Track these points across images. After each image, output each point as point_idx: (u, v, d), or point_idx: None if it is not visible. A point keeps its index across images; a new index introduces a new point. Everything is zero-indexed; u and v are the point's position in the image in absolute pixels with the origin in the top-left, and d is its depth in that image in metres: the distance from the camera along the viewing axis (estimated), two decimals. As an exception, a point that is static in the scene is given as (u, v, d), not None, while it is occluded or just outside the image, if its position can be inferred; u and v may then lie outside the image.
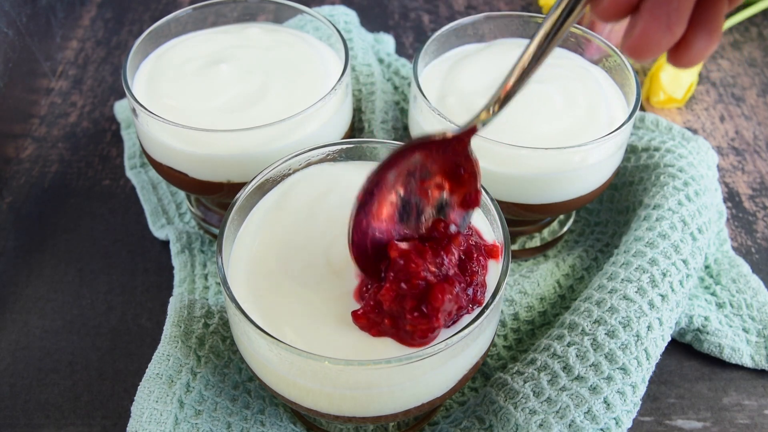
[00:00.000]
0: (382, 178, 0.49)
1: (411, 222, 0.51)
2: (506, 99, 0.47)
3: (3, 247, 0.77)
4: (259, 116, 0.65)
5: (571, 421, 0.55)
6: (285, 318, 0.50)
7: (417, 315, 0.46)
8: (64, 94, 0.95)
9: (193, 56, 0.72)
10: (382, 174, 0.48)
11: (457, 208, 0.51)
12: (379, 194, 0.49)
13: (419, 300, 0.47)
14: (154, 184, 0.81)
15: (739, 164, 0.85)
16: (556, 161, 0.62)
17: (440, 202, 0.51)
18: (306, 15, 0.77)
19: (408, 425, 0.62)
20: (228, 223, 0.53)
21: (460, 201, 0.51)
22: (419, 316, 0.46)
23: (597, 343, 0.58)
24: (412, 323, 0.46)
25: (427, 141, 0.48)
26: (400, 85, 0.87)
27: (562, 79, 0.69)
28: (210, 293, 0.71)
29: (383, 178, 0.49)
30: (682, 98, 0.91)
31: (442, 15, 1.08)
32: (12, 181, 0.83)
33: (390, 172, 0.49)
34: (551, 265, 0.71)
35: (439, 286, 0.47)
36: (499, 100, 0.48)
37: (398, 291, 0.47)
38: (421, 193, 0.50)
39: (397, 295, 0.47)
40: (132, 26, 1.07)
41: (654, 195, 0.69)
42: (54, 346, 0.68)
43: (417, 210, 0.51)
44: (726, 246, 0.74)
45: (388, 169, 0.49)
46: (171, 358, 0.59)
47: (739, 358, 0.65)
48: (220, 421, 0.57)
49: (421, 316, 0.46)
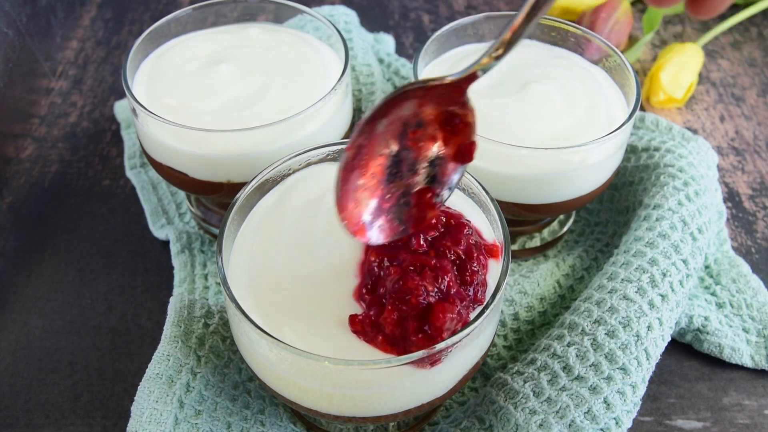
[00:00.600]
0: (372, 128, 0.46)
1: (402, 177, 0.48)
2: (511, 42, 0.44)
3: (3, 247, 0.77)
4: (259, 116, 0.65)
5: (571, 421, 0.55)
6: (285, 318, 0.50)
7: (421, 336, 0.46)
8: (64, 94, 0.95)
9: (193, 56, 0.72)
10: (372, 123, 0.45)
11: (450, 162, 0.48)
12: (369, 147, 0.46)
13: (421, 320, 0.46)
14: (154, 184, 0.81)
15: (739, 164, 0.85)
16: (556, 161, 0.62)
17: (433, 155, 0.48)
18: (306, 15, 0.77)
19: (408, 425, 0.62)
20: (228, 223, 0.53)
21: (453, 153, 0.48)
22: (423, 337, 0.46)
23: (597, 343, 0.58)
24: (418, 345, 0.46)
25: (424, 86, 0.45)
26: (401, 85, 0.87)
27: (562, 79, 0.69)
28: (210, 293, 0.71)
29: (374, 128, 0.46)
30: (682, 98, 0.91)
31: (442, 15, 1.08)
32: (12, 181, 0.83)
33: (381, 121, 0.46)
34: (551, 265, 0.71)
35: (440, 306, 0.46)
36: (503, 43, 0.44)
37: (400, 314, 0.46)
38: (413, 145, 0.47)
39: (399, 319, 0.46)
40: (132, 26, 1.07)
41: (654, 195, 0.69)
42: (54, 346, 0.68)
43: (408, 164, 0.48)
44: (726, 246, 0.74)
45: (380, 118, 0.46)
46: (171, 358, 0.59)
47: (739, 358, 0.65)
48: (220, 421, 0.57)
49: (425, 337, 0.46)
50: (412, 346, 0.47)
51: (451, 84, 0.46)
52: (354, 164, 0.46)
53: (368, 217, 0.48)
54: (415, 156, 0.48)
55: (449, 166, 0.49)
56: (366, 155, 0.47)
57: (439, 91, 0.46)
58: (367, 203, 0.48)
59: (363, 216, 0.48)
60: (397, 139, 0.47)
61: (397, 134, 0.47)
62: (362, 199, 0.48)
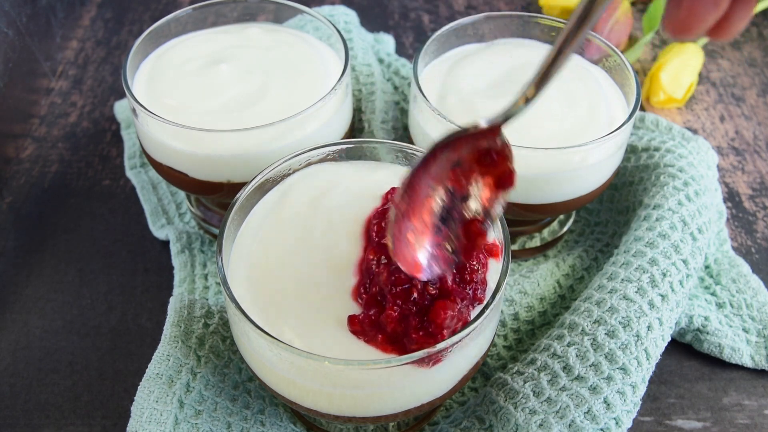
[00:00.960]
0: (416, 179, 0.47)
1: (448, 214, 0.49)
2: (543, 81, 0.44)
3: (3, 247, 0.77)
4: (259, 116, 0.65)
5: (571, 421, 0.55)
6: (285, 318, 0.50)
7: (422, 334, 0.46)
8: (64, 94, 0.95)
9: (193, 56, 0.72)
10: (417, 176, 0.47)
11: (491, 192, 0.49)
12: (414, 195, 0.48)
13: (422, 316, 0.47)
14: (154, 184, 0.81)
15: (739, 164, 0.85)
16: (556, 161, 0.62)
17: (475, 189, 0.49)
18: (306, 15, 0.77)
19: (408, 425, 0.62)
20: (228, 223, 0.53)
21: (494, 182, 0.49)
22: (425, 335, 0.46)
23: (597, 343, 0.58)
24: (418, 342, 0.46)
25: (462, 136, 0.47)
26: (400, 85, 0.87)
27: (562, 79, 0.69)
28: (210, 293, 0.71)
29: (417, 179, 0.47)
30: (682, 98, 0.91)
31: (442, 15, 1.08)
32: (12, 181, 0.83)
33: (425, 173, 0.47)
34: (551, 265, 0.71)
35: (440, 303, 0.46)
36: (536, 82, 0.44)
37: (401, 311, 0.47)
38: (456, 183, 0.49)
39: (401, 316, 0.47)
40: (132, 26, 1.07)
41: (654, 195, 0.69)
42: (54, 346, 0.68)
43: (453, 201, 0.49)
44: (726, 246, 0.74)
45: (423, 171, 0.47)
46: (171, 358, 0.59)
47: (739, 358, 0.65)
48: (220, 421, 0.57)
49: (426, 335, 0.46)
50: (412, 344, 0.47)
51: (488, 129, 0.47)
52: (402, 214, 0.48)
53: (422, 255, 0.49)
54: (459, 193, 0.50)
55: (491, 195, 0.50)
56: (413, 203, 0.48)
57: (475, 137, 0.47)
58: (419, 244, 0.49)
59: (417, 256, 0.48)
60: (440, 182, 0.49)
61: (439, 178, 0.49)
62: (414, 242, 0.48)
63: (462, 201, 0.50)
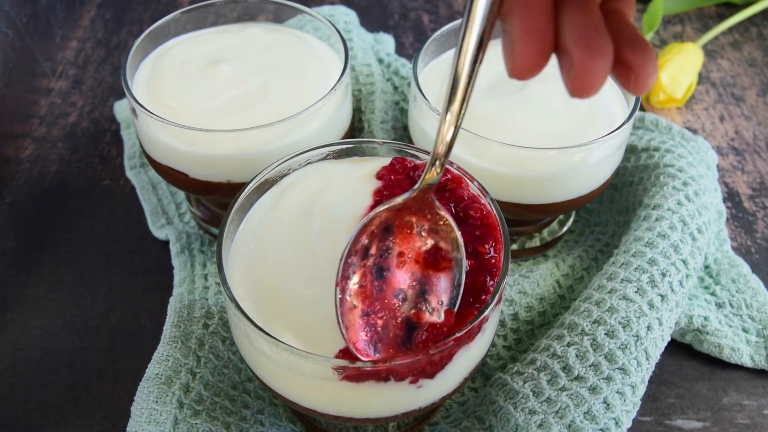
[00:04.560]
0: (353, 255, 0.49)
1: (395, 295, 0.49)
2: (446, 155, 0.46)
3: (3, 247, 0.77)
4: (259, 116, 0.65)
5: (570, 422, 0.55)
6: (284, 317, 0.50)
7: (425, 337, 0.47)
8: (64, 94, 0.95)
9: (193, 56, 0.72)
10: (352, 252, 0.49)
11: (430, 274, 0.50)
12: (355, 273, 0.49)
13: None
14: (154, 184, 0.81)
15: (739, 164, 0.85)
16: (556, 161, 0.62)
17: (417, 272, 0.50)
18: (306, 15, 0.77)
19: (408, 425, 0.62)
20: (228, 223, 0.53)
21: (428, 262, 0.50)
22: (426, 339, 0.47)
23: (597, 344, 0.58)
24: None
25: (389, 207, 0.49)
26: (400, 85, 0.87)
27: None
28: (210, 293, 0.71)
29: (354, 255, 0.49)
30: (682, 98, 0.91)
31: (442, 15, 1.08)
32: (12, 181, 0.83)
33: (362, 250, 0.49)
34: (551, 265, 0.71)
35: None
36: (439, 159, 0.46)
37: None
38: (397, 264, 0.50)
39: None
40: (132, 26, 1.07)
41: (654, 195, 0.69)
42: (54, 346, 0.68)
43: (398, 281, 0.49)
44: (726, 246, 0.74)
45: (357, 248, 0.49)
46: (170, 358, 0.59)
47: (738, 358, 0.65)
48: (220, 422, 0.57)
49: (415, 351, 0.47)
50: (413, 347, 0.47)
51: (416, 198, 0.49)
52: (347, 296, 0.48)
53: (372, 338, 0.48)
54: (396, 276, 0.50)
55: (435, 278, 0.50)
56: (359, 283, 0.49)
57: (407, 209, 0.49)
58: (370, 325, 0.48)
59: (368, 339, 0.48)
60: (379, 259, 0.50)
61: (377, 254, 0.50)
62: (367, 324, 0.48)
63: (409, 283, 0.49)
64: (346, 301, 0.48)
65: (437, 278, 0.49)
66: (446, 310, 0.48)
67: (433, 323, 0.47)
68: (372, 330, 0.47)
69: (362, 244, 0.49)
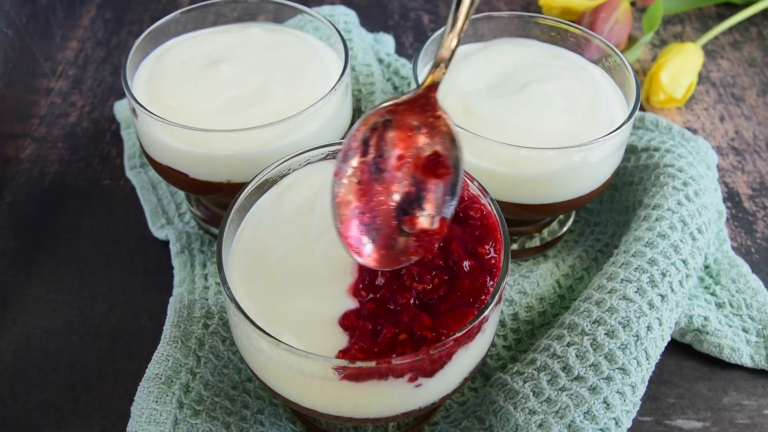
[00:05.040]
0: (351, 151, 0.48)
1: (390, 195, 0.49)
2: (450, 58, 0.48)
3: (3, 247, 0.77)
4: (259, 116, 0.65)
5: (570, 422, 0.55)
6: (284, 318, 0.50)
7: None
8: (64, 94, 0.95)
9: (193, 56, 0.72)
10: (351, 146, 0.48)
11: (428, 180, 0.49)
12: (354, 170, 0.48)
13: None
14: (154, 184, 0.81)
15: (739, 164, 0.85)
16: (556, 161, 0.62)
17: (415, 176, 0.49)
18: (306, 15, 0.77)
19: (408, 425, 0.62)
20: (228, 223, 0.53)
21: (427, 168, 0.49)
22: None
23: (597, 343, 0.58)
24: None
25: (393, 105, 0.48)
26: (400, 85, 0.87)
27: (562, 79, 0.69)
28: (210, 293, 0.71)
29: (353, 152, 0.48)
30: (682, 98, 0.91)
31: (442, 15, 1.08)
32: (12, 181, 0.83)
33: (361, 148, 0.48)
34: (551, 265, 0.71)
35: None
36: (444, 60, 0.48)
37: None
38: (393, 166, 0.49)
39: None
40: (132, 26, 1.07)
41: (654, 195, 0.69)
42: (54, 347, 0.68)
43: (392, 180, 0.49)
44: (726, 246, 0.74)
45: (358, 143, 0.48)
46: (170, 358, 0.59)
47: (738, 358, 0.65)
48: (220, 422, 0.57)
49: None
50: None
51: (419, 96, 0.48)
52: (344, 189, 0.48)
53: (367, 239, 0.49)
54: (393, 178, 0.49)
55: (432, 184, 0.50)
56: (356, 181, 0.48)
57: (409, 107, 0.48)
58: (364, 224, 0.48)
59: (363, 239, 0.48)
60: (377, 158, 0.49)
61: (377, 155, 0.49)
62: (361, 222, 0.48)
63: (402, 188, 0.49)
64: (341, 194, 0.47)
65: (434, 185, 0.49)
66: (440, 218, 0.47)
67: (425, 229, 0.47)
68: (365, 228, 0.47)
69: (363, 138, 0.48)
